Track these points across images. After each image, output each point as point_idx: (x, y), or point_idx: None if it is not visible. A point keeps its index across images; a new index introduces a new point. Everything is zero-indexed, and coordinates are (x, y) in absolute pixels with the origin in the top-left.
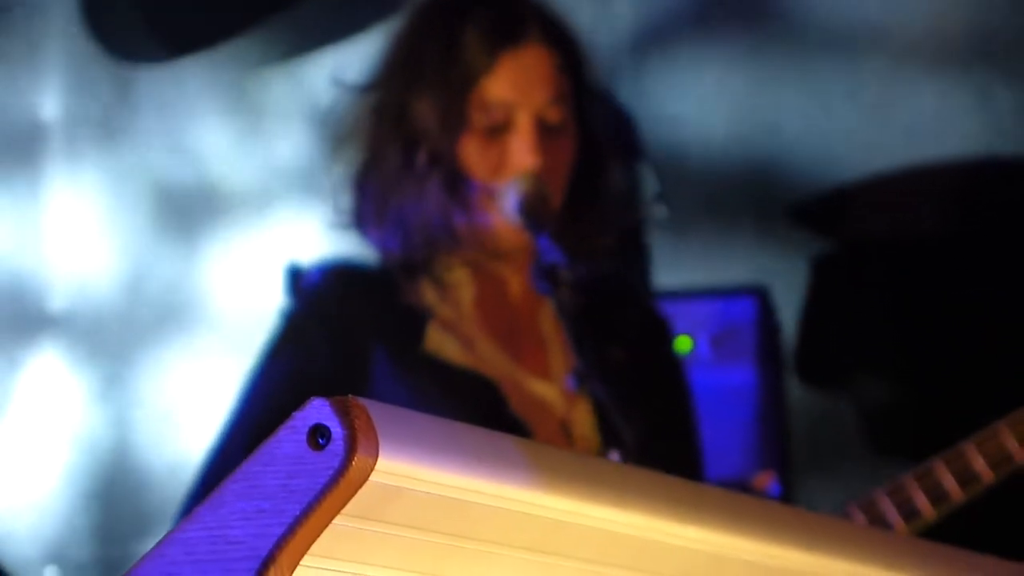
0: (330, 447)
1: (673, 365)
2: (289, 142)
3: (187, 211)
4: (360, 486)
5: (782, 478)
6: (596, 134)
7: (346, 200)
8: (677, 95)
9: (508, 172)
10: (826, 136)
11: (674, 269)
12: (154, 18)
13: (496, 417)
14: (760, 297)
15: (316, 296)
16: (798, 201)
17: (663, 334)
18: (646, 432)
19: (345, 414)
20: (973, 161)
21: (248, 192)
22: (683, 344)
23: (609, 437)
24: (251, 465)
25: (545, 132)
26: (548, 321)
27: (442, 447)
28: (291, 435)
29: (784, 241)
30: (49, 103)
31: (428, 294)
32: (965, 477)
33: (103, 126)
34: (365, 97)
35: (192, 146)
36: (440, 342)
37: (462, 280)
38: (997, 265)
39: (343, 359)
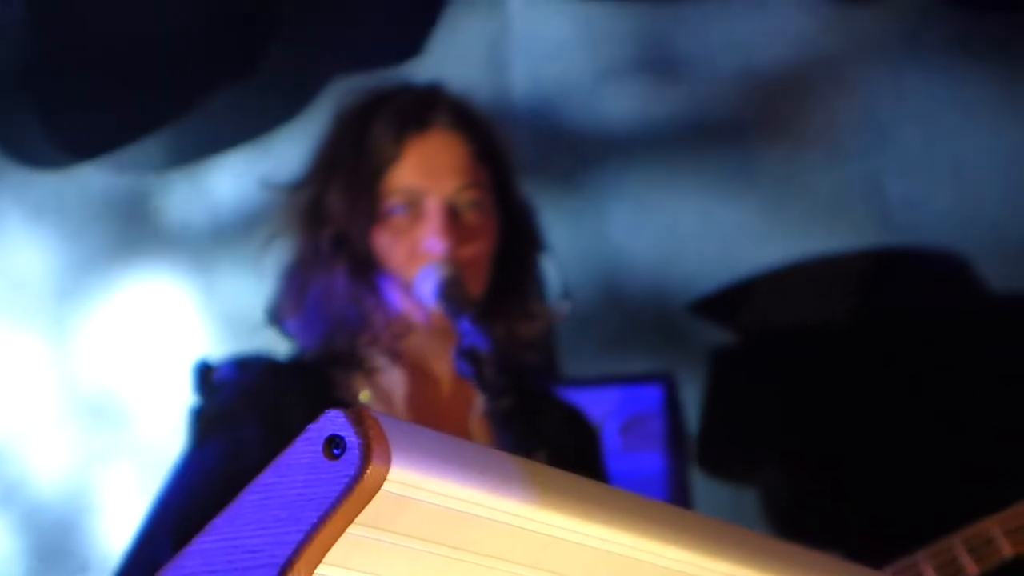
0: (345, 456)
1: (592, 464)
2: (188, 246)
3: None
4: (374, 494)
5: None
6: (519, 224)
7: (273, 296)
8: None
9: (419, 258)
10: (723, 228)
11: (579, 361)
12: (52, 122)
13: None
14: (667, 385)
15: (249, 387)
16: (698, 293)
17: (584, 433)
18: None
19: (359, 424)
20: (865, 252)
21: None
22: None
23: None
24: (267, 477)
25: (458, 218)
26: (475, 421)
27: (448, 459)
28: (307, 446)
29: (685, 333)
30: None
31: (361, 391)
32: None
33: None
34: (292, 197)
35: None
36: None
37: (395, 379)
38: (890, 355)
39: (278, 450)
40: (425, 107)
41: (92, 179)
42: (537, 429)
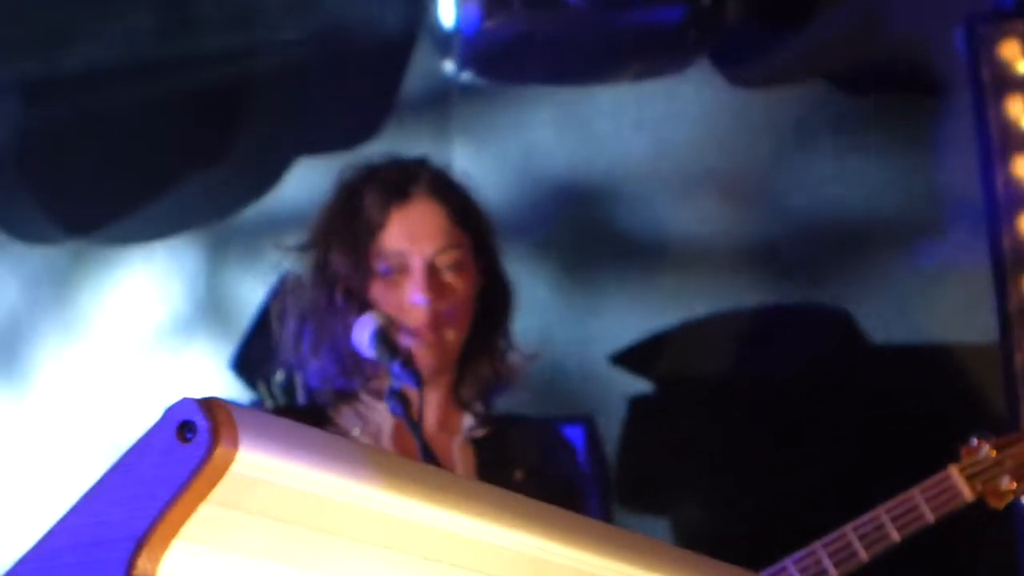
0: (196, 439)
1: (567, 480)
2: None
3: None
4: (223, 474)
5: None
6: (498, 278)
7: (290, 343)
8: None
9: (407, 311)
10: (640, 288)
11: (510, 405)
12: (45, 201)
13: None
14: (588, 425)
15: None
16: (617, 346)
17: (558, 448)
18: None
19: (209, 410)
20: (764, 309)
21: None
22: None
23: None
24: (127, 458)
25: (438, 275)
26: (458, 449)
27: (295, 444)
28: (162, 430)
29: (605, 380)
30: None
31: (351, 426)
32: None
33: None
34: (303, 257)
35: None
36: None
37: (383, 415)
38: (789, 399)
39: None
40: (407, 179)
41: (83, 252)
42: (512, 451)
